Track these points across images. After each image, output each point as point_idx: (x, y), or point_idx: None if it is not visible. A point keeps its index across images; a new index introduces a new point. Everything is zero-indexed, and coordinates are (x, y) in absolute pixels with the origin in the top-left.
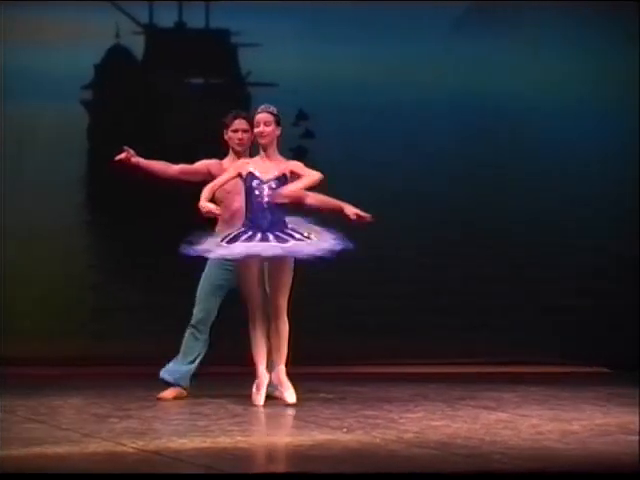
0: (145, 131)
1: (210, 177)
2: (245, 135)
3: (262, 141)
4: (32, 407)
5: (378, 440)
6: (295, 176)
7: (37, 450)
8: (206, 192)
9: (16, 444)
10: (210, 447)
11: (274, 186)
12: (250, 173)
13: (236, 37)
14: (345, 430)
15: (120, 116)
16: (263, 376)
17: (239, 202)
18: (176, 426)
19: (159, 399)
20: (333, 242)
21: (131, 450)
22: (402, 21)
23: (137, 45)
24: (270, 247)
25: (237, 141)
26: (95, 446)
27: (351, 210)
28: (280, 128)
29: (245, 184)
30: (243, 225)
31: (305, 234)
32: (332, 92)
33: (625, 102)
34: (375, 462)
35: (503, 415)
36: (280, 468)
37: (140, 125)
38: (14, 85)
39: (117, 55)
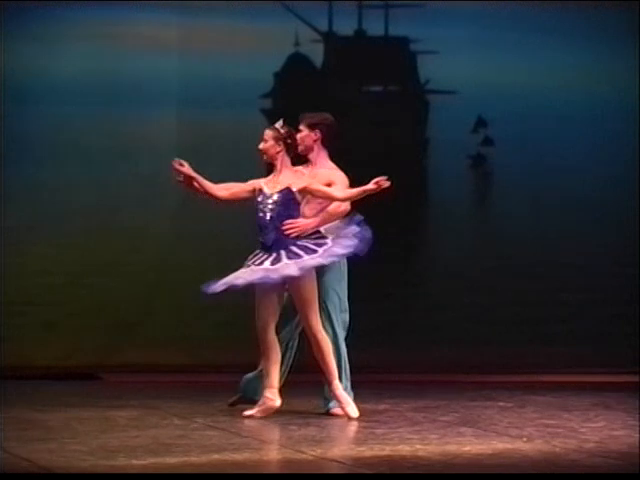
0: None
1: None
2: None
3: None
4: (211, 414)
5: (558, 449)
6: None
7: (216, 457)
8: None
9: (195, 451)
10: (389, 455)
11: (276, 199)
12: (260, 189)
13: (415, 44)
14: (525, 439)
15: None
16: (269, 400)
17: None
18: (355, 434)
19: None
20: (348, 244)
21: (310, 457)
22: (579, 26)
23: (316, 53)
24: (273, 271)
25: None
26: (274, 453)
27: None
28: (281, 145)
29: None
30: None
31: (320, 241)
32: (511, 99)
33: None
34: (556, 471)
35: None
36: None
37: None
38: (192, 93)
39: (296, 63)
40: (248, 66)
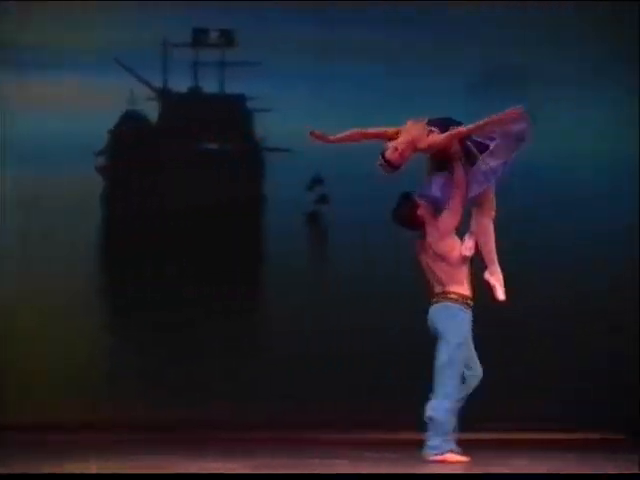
0: (158, 196)
1: None
2: None
3: None
4: None
5: None
6: None
7: None
8: None
9: None
10: None
11: None
12: None
13: (251, 102)
14: None
15: (134, 182)
16: None
17: None
18: None
19: None
20: None
21: None
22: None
23: (152, 110)
24: None
25: None
26: None
27: None
28: None
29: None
30: None
31: None
32: (347, 156)
33: None
34: None
35: None
36: None
37: (152, 190)
38: (30, 150)
39: (131, 121)
40: (83, 124)
